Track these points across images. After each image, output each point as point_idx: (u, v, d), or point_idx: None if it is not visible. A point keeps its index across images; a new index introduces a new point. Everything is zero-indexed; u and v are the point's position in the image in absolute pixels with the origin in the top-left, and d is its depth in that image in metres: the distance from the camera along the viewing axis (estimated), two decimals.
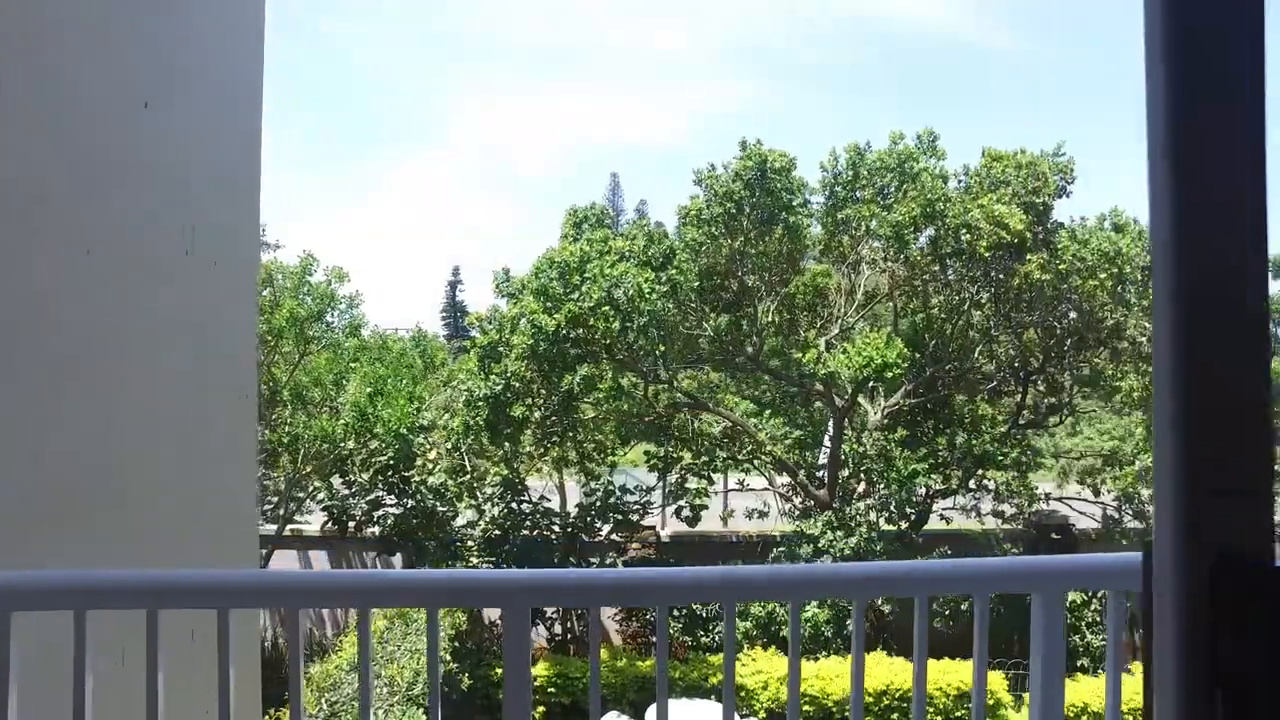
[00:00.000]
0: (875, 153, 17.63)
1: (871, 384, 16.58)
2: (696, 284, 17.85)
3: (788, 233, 17.61)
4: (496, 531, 15.93)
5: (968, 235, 15.16)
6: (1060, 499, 18.72)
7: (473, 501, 15.25)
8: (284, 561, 19.80)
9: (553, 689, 14.74)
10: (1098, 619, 17.04)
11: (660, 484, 18.69)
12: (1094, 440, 20.53)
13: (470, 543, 15.11)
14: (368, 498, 15.36)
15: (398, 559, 18.32)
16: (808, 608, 16.66)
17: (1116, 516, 17.38)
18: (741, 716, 14.30)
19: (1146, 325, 16.96)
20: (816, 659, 16.04)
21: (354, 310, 18.29)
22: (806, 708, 14.99)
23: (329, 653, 11.72)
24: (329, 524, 16.61)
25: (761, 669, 15.34)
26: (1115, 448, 18.66)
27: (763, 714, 14.85)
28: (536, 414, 14.99)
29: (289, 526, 18.91)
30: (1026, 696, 12.76)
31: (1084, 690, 15.53)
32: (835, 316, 20.66)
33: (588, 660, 10.71)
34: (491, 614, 17.53)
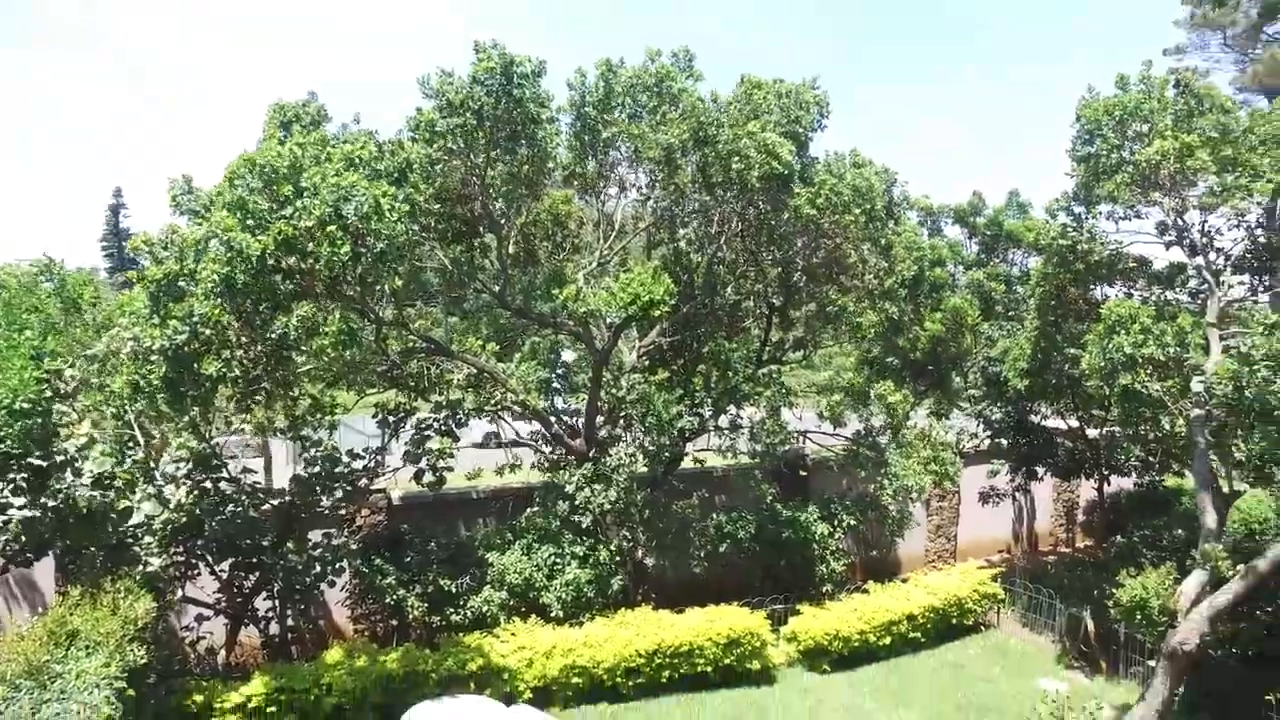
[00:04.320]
0: (629, 69, 15.99)
1: (636, 323, 15.27)
2: (435, 208, 15.22)
3: (534, 151, 15.45)
4: (186, 520, 12.36)
5: (739, 164, 14.18)
6: (804, 432, 19.16)
7: (150, 488, 11.48)
8: None
9: (274, 708, 11.85)
10: (840, 547, 17.77)
11: (391, 441, 16.01)
12: (833, 374, 21.48)
13: (149, 538, 11.41)
14: None
15: (45, 568, 13.72)
16: (568, 568, 15.32)
17: (854, 447, 18.08)
18: (507, 702, 12.60)
19: (885, 264, 17.52)
20: (581, 624, 14.79)
21: None
22: (576, 680, 13.73)
23: None
24: None
25: (524, 644, 13.72)
26: (852, 381, 19.41)
27: (528, 695, 13.29)
28: (236, 369, 11.56)
29: None
30: (783, 629, 12.34)
31: (830, 616, 16.01)
32: (585, 248, 19.09)
33: (316, 665, 8.00)
34: (187, 616, 13.93)
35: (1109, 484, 21.72)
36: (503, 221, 16.28)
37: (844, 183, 15.28)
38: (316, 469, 14.35)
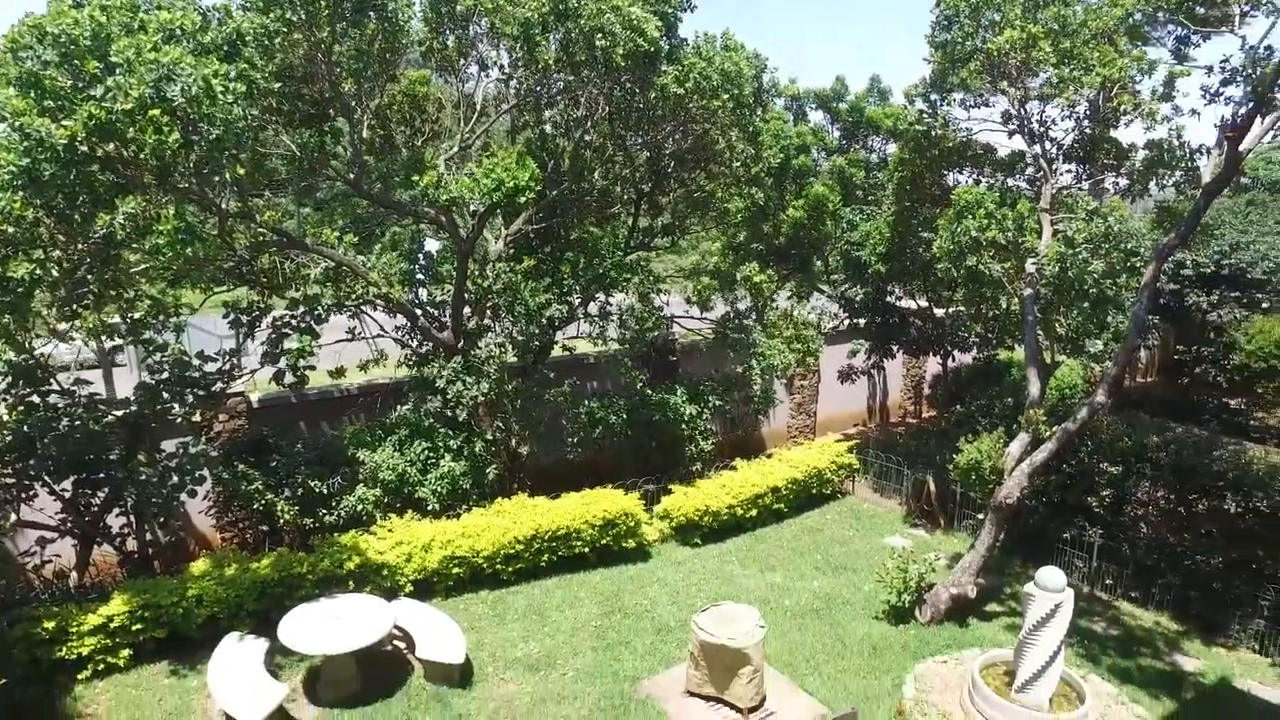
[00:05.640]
0: None
1: (501, 210, 14.76)
2: (277, 88, 13.87)
3: (385, 24, 14.24)
4: (12, 439, 11.35)
5: (604, 41, 13.58)
6: (672, 317, 19.46)
7: None
8: None
9: (139, 625, 11.44)
10: (709, 427, 18.49)
11: (246, 341, 15.12)
12: (700, 258, 21.65)
13: None
14: None
15: None
16: (442, 462, 15.28)
17: (722, 330, 18.56)
18: (389, 599, 12.72)
19: (752, 151, 17.56)
20: (458, 515, 14.92)
21: None
22: (456, 570, 13.97)
23: None
24: None
25: (401, 539, 13.73)
26: (718, 265, 19.70)
27: (409, 589, 13.42)
28: (55, 271, 10.40)
29: None
30: (656, 508, 13.01)
31: (700, 494, 16.86)
32: (445, 132, 18.06)
33: (182, 578, 8.01)
34: (27, 541, 13.01)
35: (952, 359, 23.50)
36: (354, 104, 15.08)
37: (713, 67, 15.01)
38: (164, 375, 13.41)
